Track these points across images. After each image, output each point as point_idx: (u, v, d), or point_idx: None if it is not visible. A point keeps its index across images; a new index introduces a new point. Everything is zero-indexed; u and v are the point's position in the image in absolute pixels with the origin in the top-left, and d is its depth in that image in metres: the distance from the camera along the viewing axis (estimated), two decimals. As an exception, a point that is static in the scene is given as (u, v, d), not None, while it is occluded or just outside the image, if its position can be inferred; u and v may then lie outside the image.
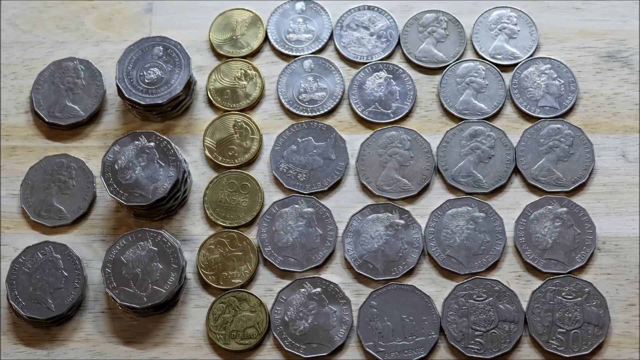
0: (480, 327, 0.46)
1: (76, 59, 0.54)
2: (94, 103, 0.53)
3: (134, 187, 0.48)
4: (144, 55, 0.52)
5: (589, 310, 0.46)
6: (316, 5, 0.55)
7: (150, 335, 0.48)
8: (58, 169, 0.51)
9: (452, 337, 0.46)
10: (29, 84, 0.54)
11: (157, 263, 0.48)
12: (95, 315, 0.49)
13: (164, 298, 0.47)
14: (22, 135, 0.53)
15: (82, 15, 0.56)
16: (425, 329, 0.46)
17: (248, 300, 0.48)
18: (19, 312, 0.48)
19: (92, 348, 0.48)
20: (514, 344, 0.46)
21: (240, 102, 0.53)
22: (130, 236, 0.48)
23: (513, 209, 0.49)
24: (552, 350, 0.46)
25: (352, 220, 0.49)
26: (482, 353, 0.46)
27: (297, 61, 0.53)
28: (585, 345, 0.46)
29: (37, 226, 0.51)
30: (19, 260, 0.49)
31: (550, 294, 0.47)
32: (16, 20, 0.56)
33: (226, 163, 0.51)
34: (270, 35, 0.54)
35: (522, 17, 0.54)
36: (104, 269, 0.47)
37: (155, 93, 0.51)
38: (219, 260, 0.49)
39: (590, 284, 0.47)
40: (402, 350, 0.46)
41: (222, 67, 0.53)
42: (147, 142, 0.49)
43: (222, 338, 0.47)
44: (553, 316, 0.46)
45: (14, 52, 0.55)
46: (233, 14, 0.55)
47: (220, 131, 0.52)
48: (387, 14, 0.54)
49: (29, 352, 0.48)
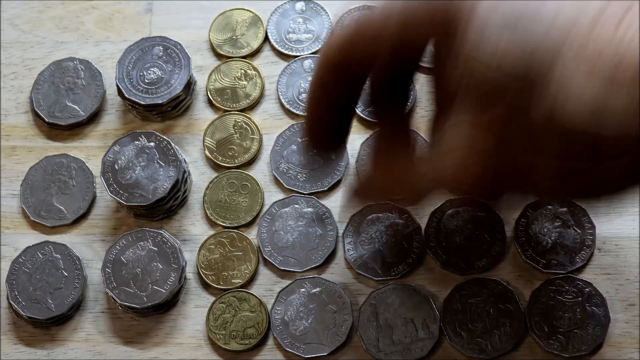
0: (480, 327, 0.46)
1: (76, 59, 0.54)
2: (94, 103, 0.53)
3: (134, 187, 0.48)
4: (144, 55, 0.52)
5: (589, 310, 0.46)
6: (316, 5, 0.55)
7: (150, 335, 0.48)
8: (58, 169, 0.51)
9: (452, 337, 0.46)
10: (29, 84, 0.54)
11: (157, 263, 0.48)
12: (95, 315, 0.49)
13: (164, 298, 0.47)
14: (22, 135, 0.53)
15: (82, 15, 0.56)
16: (426, 328, 0.46)
17: (248, 300, 0.48)
18: (19, 312, 0.48)
19: (92, 348, 0.48)
20: (514, 344, 0.46)
21: (240, 102, 0.53)
22: (130, 236, 0.48)
23: (513, 209, 0.49)
24: (552, 350, 0.46)
25: (352, 220, 0.49)
26: (482, 353, 0.46)
27: (297, 61, 0.53)
28: (585, 345, 0.46)
29: (37, 226, 0.51)
30: (19, 260, 0.49)
31: (551, 294, 0.47)
32: (16, 20, 0.56)
33: (226, 163, 0.51)
34: (270, 35, 0.54)
35: (522, 17, 0.54)
36: (104, 269, 0.47)
37: (155, 93, 0.51)
38: (219, 260, 0.49)
39: (590, 284, 0.47)
40: (403, 350, 0.46)
41: (222, 67, 0.53)
42: (147, 142, 0.49)
43: (222, 338, 0.47)
44: (553, 316, 0.46)
45: (14, 52, 0.55)
46: (233, 14, 0.55)
47: (220, 131, 0.52)
48: (387, 14, 0.54)
49: (29, 352, 0.48)
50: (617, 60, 0.31)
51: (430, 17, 0.35)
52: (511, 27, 0.32)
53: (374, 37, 0.37)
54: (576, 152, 0.33)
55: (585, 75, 0.31)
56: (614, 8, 0.32)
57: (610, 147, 0.32)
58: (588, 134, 0.32)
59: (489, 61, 0.33)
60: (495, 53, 0.33)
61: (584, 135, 0.32)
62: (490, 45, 0.33)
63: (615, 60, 0.31)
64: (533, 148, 0.33)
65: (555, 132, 0.32)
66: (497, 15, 0.33)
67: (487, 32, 0.33)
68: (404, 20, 0.36)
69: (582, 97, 0.31)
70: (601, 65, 0.31)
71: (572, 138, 0.32)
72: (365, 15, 0.38)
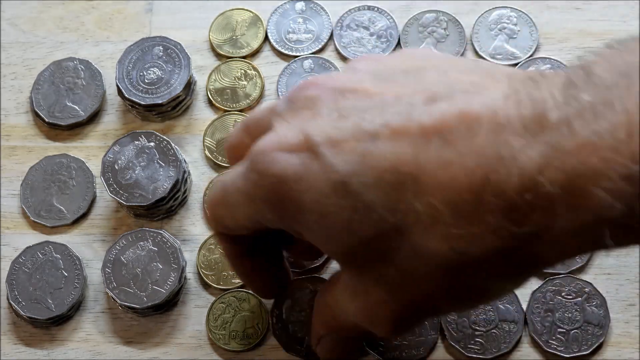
0: (480, 327, 0.46)
1: (76, 59, 0.54)
2: (94, 103, 0.53)
3: (134, 187, 0.48)
4: (144, 55, 0.52)
5: (589, 310, 0.46)
6: (316, 5, 0.55)
7: (150, 335, 0.48)
8: (58, 169, 0.51)
9: (452, 337, 0.46)
10: (29, 84, 0.54)
11: (157, 263, 0.48)
12: (95, 315, 0.49)
13: (164, 298, 0.47)
14: (22, 135, 0.53)
15: (82, 15, 0.56)
16: (425, 329, 0.46)
17: (248, 300, 0.48)
18: (19, 312, 0.48)
19: (92, 348, 0.48)
20: (513, 344, 0.46)
21: (240, 102, 0.53)
22: (130, 236, 0.48)
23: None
24: (552, 350, 0.46)
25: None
26: (482, 353, 0.46)
27: (297, 61, 0.53)
28: (586, 345, 0.46)
29: (37, 226, 0.51)
30: (19, 260, 0.49)
31: (551, 294, 0.47)
32: (16, 20, 0.56)
33: (226, 163, 0.51)
34: (270, 35, 0.54)
35: (522, 17, 0.54)
36: (104, 269, 0.47)
37: (155, 93, 0.51)
38: (219, 260, 0.49)
39: (590, 284, 0.47)
40: (403, 349, 0.46)
41: (222, 67, 0.53)
42: (147, 142, 0.49)
43: (222, 338, 0.47)
44: (553, 316, 0.46)
45: (14, 52, 0.55)
46: (233, 14, 0.55)
47: (220, 131, 0.52)
48: (387, 14, 0.54)
49: (29, 352, 0.48)
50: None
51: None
52: (352, 200, 0.32)
53: (233, 212, 0.38)
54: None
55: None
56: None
57: None
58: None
59: (347, 240, 0.33)
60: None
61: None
62: (341, 228, 0.33)
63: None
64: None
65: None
66: (330, 191, 0.33)
67: (330, 217, 0.33)
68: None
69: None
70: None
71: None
72: (223, 182, 0.38)
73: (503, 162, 0.29)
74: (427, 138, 0.31)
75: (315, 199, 0.33)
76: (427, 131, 0.31)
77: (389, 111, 0.33)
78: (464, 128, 0.30)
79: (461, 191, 0.30)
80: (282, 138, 0.34)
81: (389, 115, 0.32)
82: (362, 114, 0.33)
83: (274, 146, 0.34)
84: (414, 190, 0.31)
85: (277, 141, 0.34)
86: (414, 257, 0.32)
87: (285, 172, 0.34)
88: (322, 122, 0.34)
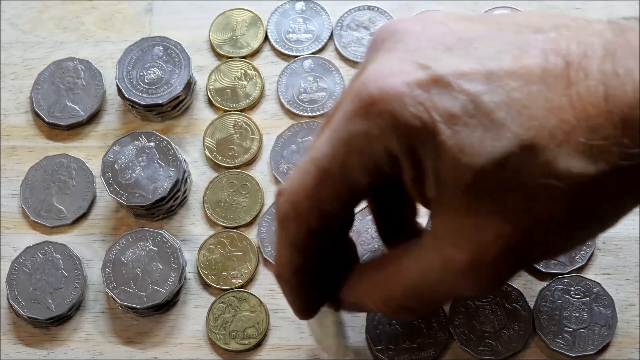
0: (489, 329, 0.46)
1: (76, 59, 0.54)
2: (94, 103, 0.53)
3: (134, 187, 0.48)
4: (144, 55, 0.52)
5: (597, 310, 0.46)
6: (316, 5, 0.55)
7: (150, 335, 0.48)
8: (58, 169, 0.51)
9: (460, 339, 0.46)
10: (29, 84, 0.54)
11: (157, 263, 0.48)
12: (95, 315, 0.49)
13: (164, 298, 0.47)
14: (22, 135, 0.53)
15: (82, 15, 0.56)
16: (434, 330, 0.46)
17: (248, 300, 0.48)
18: (19, 312, 0.48)
19: (92, 348, 0.48)
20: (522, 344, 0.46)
21: (240, 102, 0.53)
22: (130, 236, 0.48)
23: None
24: (557, 349, 0.46)
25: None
26: (492, 355, 0.46)
27: (297, 61, 0.53)
28: (592, 345, 0.46)
29: (37, 226, 0.51)
30: (19, 260, 0.49)
31: (559, 293, 0.47)
32: (16, 20, 0.56)
33: (226, 163, 0.51)
34: (270, 35, 0.54)
35: (522, 17, 0.54)
36: (104, 269, 0.47)
37: (155, 93, 0.51)
38: (219, 260, 0.49)
39: (598, 284, 0.46)
40: (413, 352, 0.46)
41: (222, 67, 0.53)
42: (147, 142, 0.49)
43: (222, 338, 0.47)
44: (560, 315, 0.46)
45: (14, 52, 0.55)
46: (233, 14, 0.55)
47: (220, 131, 0.52)
48: (387, 14, 0.54)
49: (29, 352, 0.48)
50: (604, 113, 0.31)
51: (388, 140, 0.33)
52: (483, 119, 0.32)
53: (343, 176, 0.34)
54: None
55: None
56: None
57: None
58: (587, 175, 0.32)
59: (480, 159, 0.32)
60: (483, 149, 0.32)
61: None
62: (474, 146, 0.32)
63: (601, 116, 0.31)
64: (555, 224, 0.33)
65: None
66: (460, 112, 0.32)
67: (462, 134, 0.32)
68: (366, 150, 0.34)
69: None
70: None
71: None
72: (312, 160, 0.35)
73: (619, 79, 0.31)
74: (548, 59, 0.32)
75: (445, 118, 0.32)
76: (547, 52, 0.32)
77: (501, 40, 0.33)
78: (582, 52, 0.32)
79: (590, 105, 0.31)
80: (394, 68, 0.33)
81: (501, 44, 0.33)
82: (471, 45, 0.33)
83: (385, 74, 0.33)
84: (546, 107, 0.31)
85: (389, 71, 0.33)
86: (545, 175, 0.31)
87: (413, 91, 0.32)
88: (430, 53, 0.33)
